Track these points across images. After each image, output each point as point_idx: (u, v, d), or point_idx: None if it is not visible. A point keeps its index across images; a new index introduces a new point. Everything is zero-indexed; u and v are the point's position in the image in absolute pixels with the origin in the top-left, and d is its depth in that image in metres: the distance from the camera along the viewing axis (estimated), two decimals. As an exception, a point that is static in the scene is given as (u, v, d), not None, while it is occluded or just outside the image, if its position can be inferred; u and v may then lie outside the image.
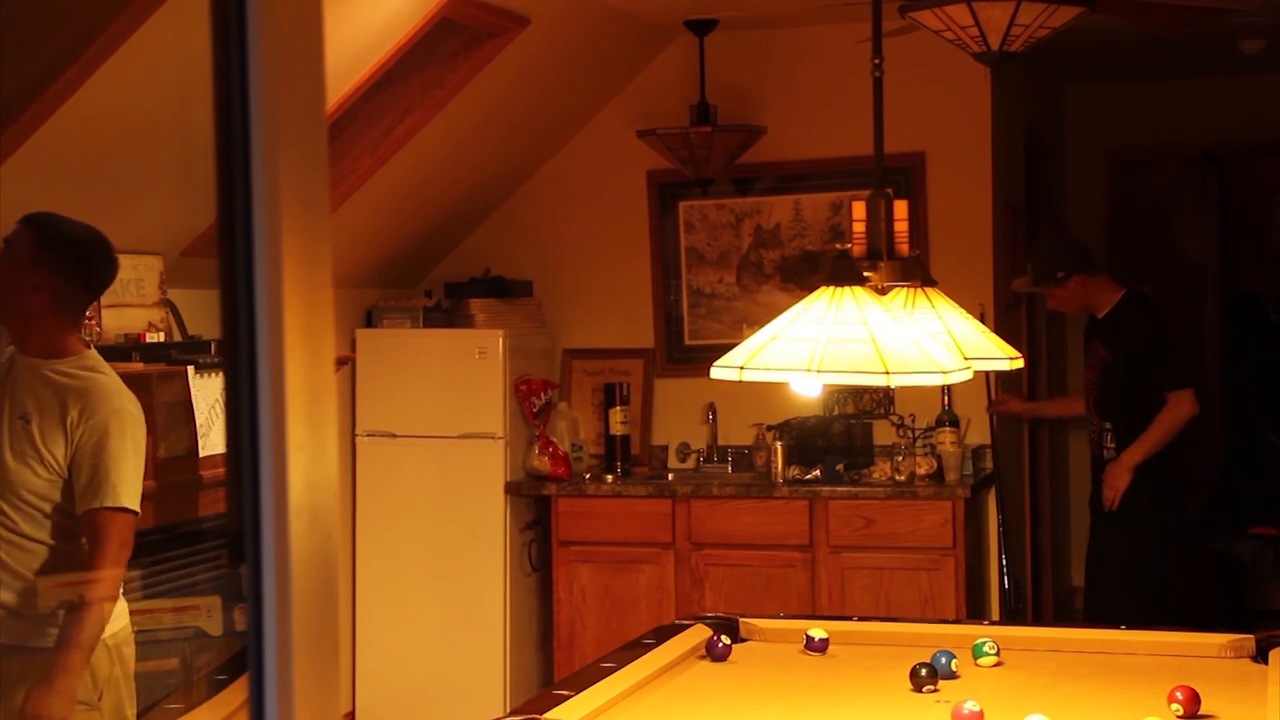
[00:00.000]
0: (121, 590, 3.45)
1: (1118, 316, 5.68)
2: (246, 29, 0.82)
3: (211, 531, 4.29)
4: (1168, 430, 5.58)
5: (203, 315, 4.91)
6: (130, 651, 3.46)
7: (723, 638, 3.62)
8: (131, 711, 3.44)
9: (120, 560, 3.37)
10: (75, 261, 3.47)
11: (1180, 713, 3.01)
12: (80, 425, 3.34)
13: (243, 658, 0.82)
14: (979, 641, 3.51)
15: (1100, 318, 5.73)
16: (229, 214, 0.82)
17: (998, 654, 3.49)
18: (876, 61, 3.27)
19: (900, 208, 3.20)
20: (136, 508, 3.37)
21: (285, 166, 0.82)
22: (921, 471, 5.87)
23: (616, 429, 6.31)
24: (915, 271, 3.24)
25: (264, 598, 0.80)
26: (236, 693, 2.81)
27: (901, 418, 6.14)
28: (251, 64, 0.81)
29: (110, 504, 3.32)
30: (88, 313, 3.87)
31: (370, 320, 6.29)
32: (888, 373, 2.75)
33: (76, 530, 3.38)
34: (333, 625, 0.84)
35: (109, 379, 3.45)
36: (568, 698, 3.07)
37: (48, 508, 3.36)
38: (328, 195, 0.87)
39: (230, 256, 0.83)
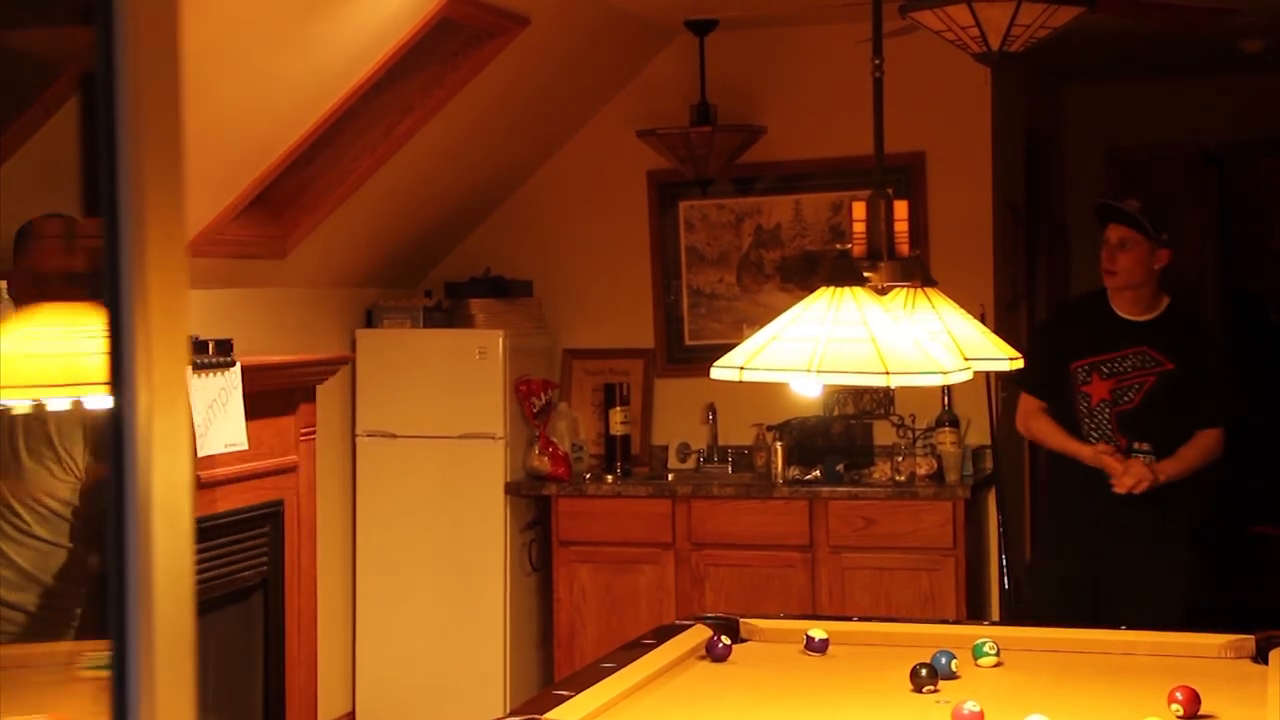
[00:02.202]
0: None
1: (1185, 320, 5.03)
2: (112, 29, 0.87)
3: (205, 531, 4.29)
4: (1199, 467, 4.90)
5: (199, 314, 4.91)
6: None
7: (723, 638, 3.61)
8: None
9: None
10: None
11: (1180, 713, 3.00)
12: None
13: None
14: (979, 641, 3.50)
15: (1146, 320, 4.92)
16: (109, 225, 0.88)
17: (998, 654, 3.48)
18: (876, 61, 3.26)
19: (900, 208, 3.19)
20: None
21: (145, 171, 0.88)
22: (921, 472, 5.86)
23: (616, 429, 6.31)
24: (915, 271, 3.24)
25: (127, 599, 0.87)
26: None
27: (901, 418, 6.13)
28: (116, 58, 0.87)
29: None
30: None
31: (370, 320, 6.28)
32: (888, 373, 2.75)
33: (90, 532, 3.37)
34: (189, 631, 0.91)
35: None
36: (568, 698, 3.07)
37: (61, 509, 3.35)
38: (184, 227, 0.92)
39: (113, 259, 0.89)
